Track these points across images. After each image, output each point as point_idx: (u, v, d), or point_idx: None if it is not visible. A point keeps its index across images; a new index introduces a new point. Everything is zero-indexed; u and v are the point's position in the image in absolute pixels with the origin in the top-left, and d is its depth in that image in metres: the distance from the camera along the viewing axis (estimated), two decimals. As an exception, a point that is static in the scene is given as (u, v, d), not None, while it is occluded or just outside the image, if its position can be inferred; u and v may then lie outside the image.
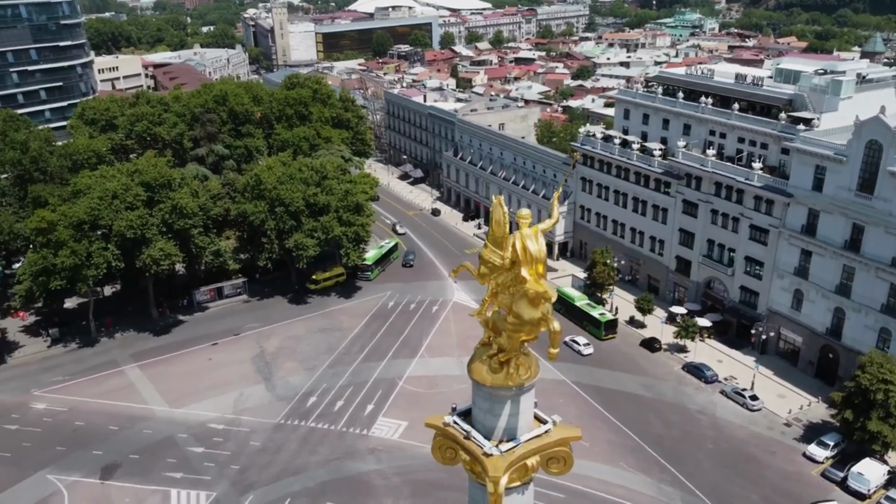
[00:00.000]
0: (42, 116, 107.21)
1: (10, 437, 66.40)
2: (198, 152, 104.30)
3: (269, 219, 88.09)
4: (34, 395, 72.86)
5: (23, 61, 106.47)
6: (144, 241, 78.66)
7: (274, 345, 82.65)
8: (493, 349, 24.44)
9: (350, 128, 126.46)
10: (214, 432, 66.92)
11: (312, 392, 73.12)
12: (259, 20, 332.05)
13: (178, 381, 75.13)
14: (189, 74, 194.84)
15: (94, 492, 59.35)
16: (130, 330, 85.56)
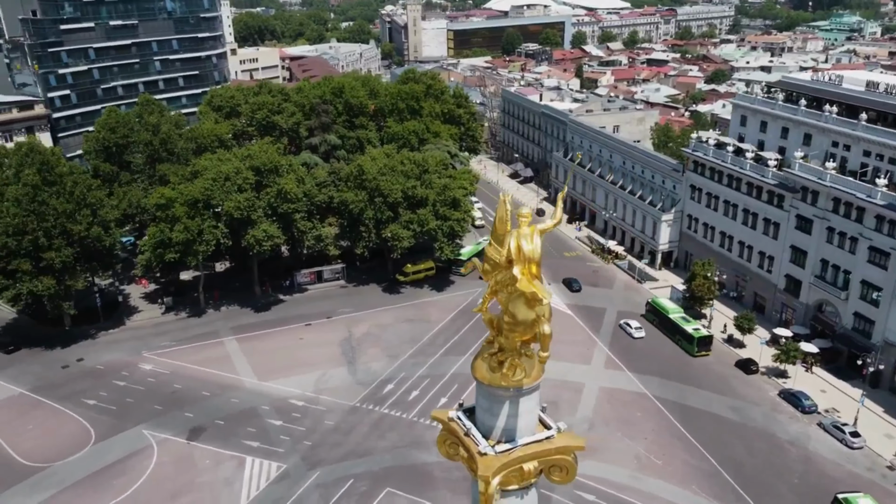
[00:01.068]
0: (179, 102, 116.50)
1: (118, 392, 72.83)
2: (311, 141, 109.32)
3: (368, 208, 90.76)
4: (144, 356, 79.39)
5: (165, 51, 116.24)
6: (250, 222, 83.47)
7: (362, 330, 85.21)
8: (495, 348, 24.19)
9: (461, 124, 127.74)
10: (294, 408, 70.10)
11: (391, 379, 74.78)
12: (395, 17, 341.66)
13: (269, 356, 79.21)
14: (320, 67, 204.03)
15: (180, 450, 63.98)
16: (235, 305, 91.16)
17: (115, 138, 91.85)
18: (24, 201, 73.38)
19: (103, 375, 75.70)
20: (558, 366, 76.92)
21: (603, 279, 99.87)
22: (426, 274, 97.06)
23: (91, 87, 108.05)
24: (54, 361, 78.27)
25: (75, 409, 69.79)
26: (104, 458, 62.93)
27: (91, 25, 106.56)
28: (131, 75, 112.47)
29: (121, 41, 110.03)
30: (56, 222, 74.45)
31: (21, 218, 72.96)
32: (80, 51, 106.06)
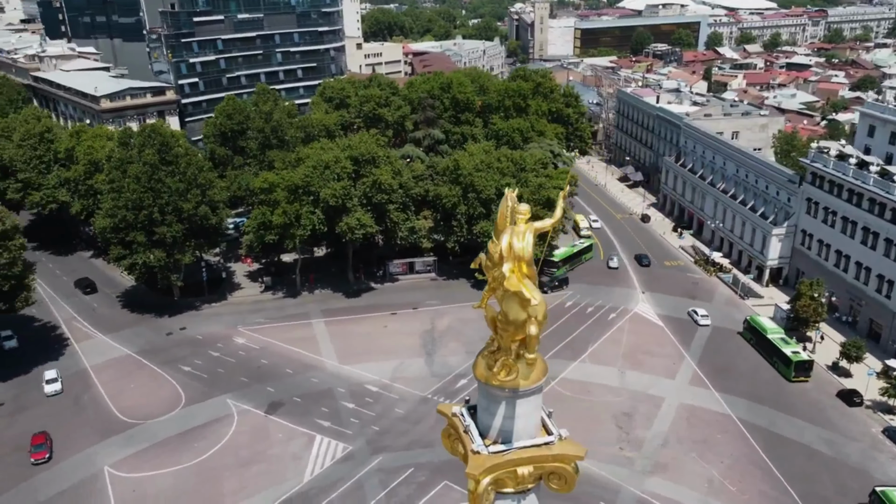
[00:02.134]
0: (297, 93, 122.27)
1: (211, 362, 77.67)
2: (415, 135, 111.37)
3: (461, 203, 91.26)
4: (239, 330, 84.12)
5: (287, 43, 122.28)
6: (345, 209, 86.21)
7: (445, 323, 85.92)
8: (494, 346, 23.99)
9: (569, 123, 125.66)
10: (368, 393, 71.91)
11: (466, 374, 74.92)
12: (522, 14, 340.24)
13: (353, 341, 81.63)
14: (441, 63, 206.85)
15: (257, 422, 67.37)
16: (328, 289, 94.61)
17: (231, 124, 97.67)
18: (142, 179, 79.63)
19: (201, 345, 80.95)
20: (640, 377, 74.43)
21: (702, 292, 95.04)
22: None
23: (217, 76, 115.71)
24: (161, 328, 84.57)
25: (172, 373, 75.11)
26: (190, 421, 67.37)
27: (221, 18, 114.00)
28: (254, 66, 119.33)
29: (247, 33, 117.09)
30: (169, 200, 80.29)
31: (139, 194, 79.27)
32: (209, 42, 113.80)
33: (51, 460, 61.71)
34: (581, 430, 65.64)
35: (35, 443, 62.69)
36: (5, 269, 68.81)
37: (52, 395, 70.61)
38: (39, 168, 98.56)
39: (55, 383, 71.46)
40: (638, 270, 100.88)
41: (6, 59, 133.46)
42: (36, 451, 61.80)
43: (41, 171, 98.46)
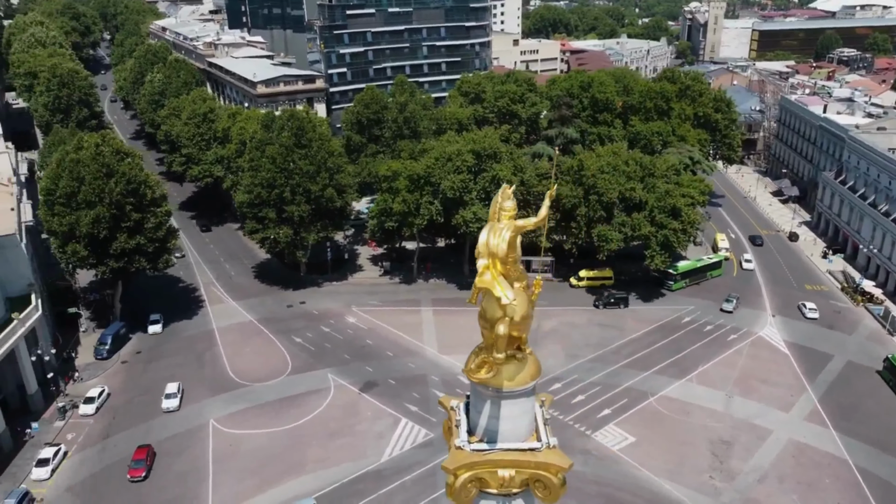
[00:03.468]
0: (439, 86, 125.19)
1: (321, 336, 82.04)
2: (548, 133, 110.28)
3: (581, 205, 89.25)
4: (352, 309, 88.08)
5: (433, 37, 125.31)
6: (462, 202, 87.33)
7: (550, 325, 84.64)
8: (484, 343, 23.88)
9: (717, 130, 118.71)
10: (460, 384, 72.50)
11: (561, 378, 73.57)
12: (696, 13, 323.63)
13: (456, 331, 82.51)
14: (598, 61, 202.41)
15: (351, 398, 70.40)
16: (443, 279, 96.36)
17: (367, 113, 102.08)
18: (277, 159, 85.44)
19: (315, 319, 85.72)
20: (748, 405, 69.36)
21: (844, 322, 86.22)
22: (602, 283, 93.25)
23: (364, 67, 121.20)
24: (283, 300, 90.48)
25: (285, 343, 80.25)
26: (291, 389, 71.75)
27: (372, 11, 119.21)
28: (400, 58, 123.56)
29: (395, 27, 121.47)
30: (300, 181, 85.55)
31: (273, 173, 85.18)
32: (359, 34, 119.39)
33: (147, 479, 58.62)
34: (671, 451, 62.53)
35: (135, 458, 59.25)
36: (151, 232, 76.80)
37: (168, 412, 66.82)
38: (200, 145, 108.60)
39: (174, 399, 67.82)
40: (773, 292, 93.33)
41: (189, 45, 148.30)
42: (134, 468, 58.35)
43: (201, 148, 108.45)
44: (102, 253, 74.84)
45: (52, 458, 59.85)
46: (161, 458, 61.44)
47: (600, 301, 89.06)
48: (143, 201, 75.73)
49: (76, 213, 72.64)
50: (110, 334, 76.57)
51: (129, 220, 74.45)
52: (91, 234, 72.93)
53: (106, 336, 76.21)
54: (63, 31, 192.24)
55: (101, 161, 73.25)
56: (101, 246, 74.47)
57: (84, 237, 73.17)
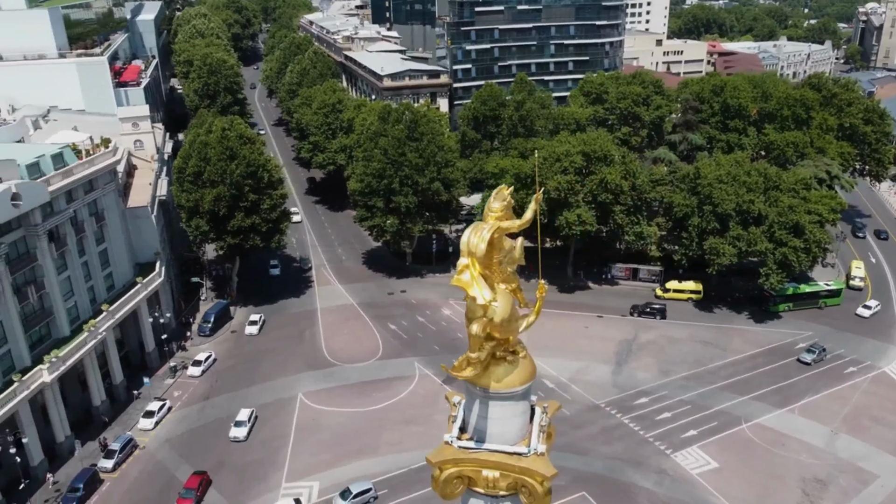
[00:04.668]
0: (565, 85, 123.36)
1: (415, 325, 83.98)
2: (671, 138, 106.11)
3: (694, 215, 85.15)
4: (449, 302, 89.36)
5: (562, 35, 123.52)
6: (567, 204, 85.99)
7: (649, 337, 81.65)
8: (480, 342, 24.04)
9: (866, 143, 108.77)
10: (542, 387, 71.84)
11: (649, 393, 70.94)
12: (872, 15, 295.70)
13: (548, 334, 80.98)
14: (747, 64, 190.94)
15: (433, 388, 71.75)
16: (544, 279, 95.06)
17: (484, 110, 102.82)
18: (389, 151, 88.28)
19: (412, 308, 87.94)
20: (855, 445, 63.81)
21: None
22: (690, 297, 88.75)
23: (489, 64, 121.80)
24: (385, 287, 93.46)
25: (379, 328, 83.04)
26: (378, 373, 74.27)
27: (501, 9, 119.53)
28: (526, 56, 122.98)
29: (523, 24, 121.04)
30: (408, 173, 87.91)
31: (384, 164, 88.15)
32: (487, 31, 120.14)
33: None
34: (756, 483, 58.80)
35: (187, 486, 56.06)
36: (266, 212, 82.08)
37: (235, 441, 62.86)
38: (327, 133, 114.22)
39: (243, 427, 63.30)
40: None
41: (329, 38, 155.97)
42: (184, 497, 55.25)
43: (327, 137, 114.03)
44: (221, 229, 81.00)
45: (157, 411, 65.96)
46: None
47: (636, 309, 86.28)
48: (260, 184, 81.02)
49: (201, 191, 79.11)
50: (213, 312, 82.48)
51: (247, 200, 79.95)
52: (212, 211, 79.18)
53: (209, 314, 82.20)
54: (226, 24, 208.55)
55: (226, 144, 79.19)
56: (221, 222, 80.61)
57: (206, 213, 79.59)
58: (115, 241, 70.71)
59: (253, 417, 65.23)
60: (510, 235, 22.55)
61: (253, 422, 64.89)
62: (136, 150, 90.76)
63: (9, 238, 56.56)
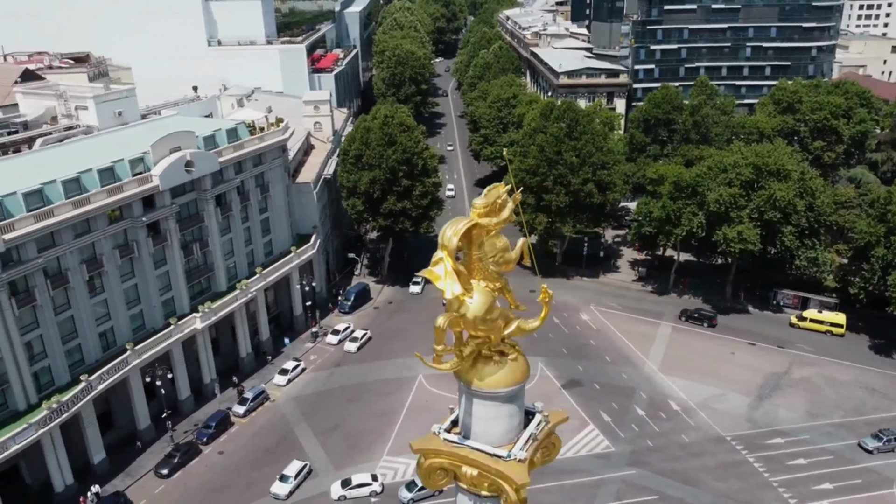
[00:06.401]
0: (759, 91, 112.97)
1: (548, 326, 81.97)
2: (874, 156, 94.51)
3: (880, 245, 74.99)
4: (589, 307, 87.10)
5: (760, 37, 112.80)
6: (728, 219, 79.82)
7: (803, 374, 73.68)
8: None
9: None
10: (667, 408, 68.01)
11: (787, 434, 64.19)
12: None
13: (687, 354, 76.82)
14: None
15: (550, 390, 70.58)
16: (699, 297, 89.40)
17: (656, 112, 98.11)
18: (545, 148, 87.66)
19: (552, 309, 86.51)
20: None
21: None
22: (829, 329, 78.96)
23: (675, 65, 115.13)
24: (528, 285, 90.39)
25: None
26: (500, 367, 74.48)
27: (693, 7, 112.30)
28: (717, 58, 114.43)
29: (717, 24, 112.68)
30: (562, 171, 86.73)
31: (538, 161, 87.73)
32: (674, 30, 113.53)
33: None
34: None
35: None
36: (417, 199, 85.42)
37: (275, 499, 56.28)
38: (498, 128, 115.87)
39: (287, 483, 56.55)
40: None
41: (520, 33, 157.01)
42: None
43: (498, 131, 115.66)
44: (375, 210, 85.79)
45: (291, 370, 71.95)
46: (370, 396, 69.62)
47: (685, 314, 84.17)
48: (414, 170, 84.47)
49: (360, 173, 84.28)
50: (354, 292, 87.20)
51: (400, 185, 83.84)
52: (368, 193, 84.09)
53: (350, 293, 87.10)
54: (432, 17, 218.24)
55: (386, 130, 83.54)
56: (375, 204, 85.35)
57: (362, 194, 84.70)
58: (276, 212, 77.84)
59: (304, 473, 57.80)
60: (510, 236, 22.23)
61: (302, 478, 57.41)
62: (316, 132, 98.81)
63: (181, 199, 64.72)
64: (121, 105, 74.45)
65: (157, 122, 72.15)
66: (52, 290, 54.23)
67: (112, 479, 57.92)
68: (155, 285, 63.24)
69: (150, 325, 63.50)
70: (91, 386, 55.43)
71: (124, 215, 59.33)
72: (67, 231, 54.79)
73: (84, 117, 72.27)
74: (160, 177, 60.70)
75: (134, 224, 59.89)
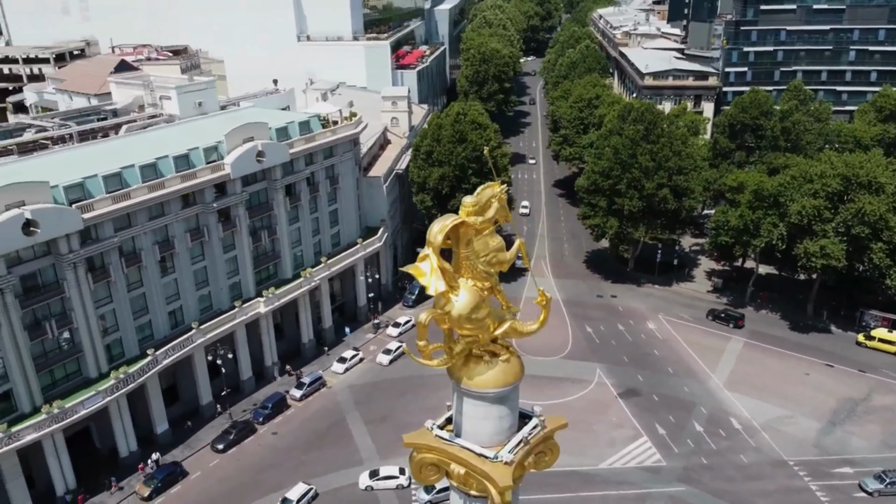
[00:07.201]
0: (862, 97, 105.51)
1: (612, 332, 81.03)
2: None
3: (982, 268, 68.97)
4: (657, 316, 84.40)
5: (867, 40, 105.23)
6: (811, 232, 75.42)
7: (885, 401, 68.79)
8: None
9: None
10: (727, 426, 65.16)
11: (858, 464, 60.11)
12: None
13: (756, 371, 73.26)
14: None
15: (606, 398, 69.17)
16: (777, 313, 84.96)
17: (742, 117, 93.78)
18: (620, 151, 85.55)
19: (616, 315, 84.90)
20: None
21: None
22: None
23: (769, 69, 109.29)
24: (596, 289, 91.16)
25: (574, 328, 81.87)
26: (557, 370, 73.60)
27: (793, 7, 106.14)
28: (817, 62, 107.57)
29: (818, 25, 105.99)
30: (636, 175, 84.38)
31: (612, 163, 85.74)
32: (770, 31, 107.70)
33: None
34: None
35: None
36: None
37: None
38: (578, 128, 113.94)
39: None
40: None
41: (610, 32, 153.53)
42: None
43: (578, 132, 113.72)
44: (443, 207, 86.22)
45: (349, 359, 73.63)
46: (422, 391, 70.20)
47: (712, 313, 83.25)
48: (483, 168, 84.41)
49: (430, 169, 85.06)
50: (419, 286, 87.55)
51: (469, 182, 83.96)
52: (436, 189, 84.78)
53: (415, 287, 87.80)
54: (525, 16, 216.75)
55: (458, 128, 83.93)
56: (444, 201, 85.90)
57: (431, 190, 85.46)
58: (345, 204, 79.74)
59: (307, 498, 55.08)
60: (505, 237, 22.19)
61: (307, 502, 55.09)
62: (392, 127, 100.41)
63: (251, 188, 67.43)
64: (201, 96, 78.41)
65: (234, 113, 75.47)
66: (126, 268, 57.83)
67: (172, 450, 61.21)
68: (223, 269, 66.23)
69: (216, 306, 66.59)
70: (156, 360, 58.76)
71: (196, 200, 62.42)
72: (143, 213, 58.24)
73: (167, 106, 76.73)
74: (232, 165, 63.46)
75: (205, 209, 62.93)
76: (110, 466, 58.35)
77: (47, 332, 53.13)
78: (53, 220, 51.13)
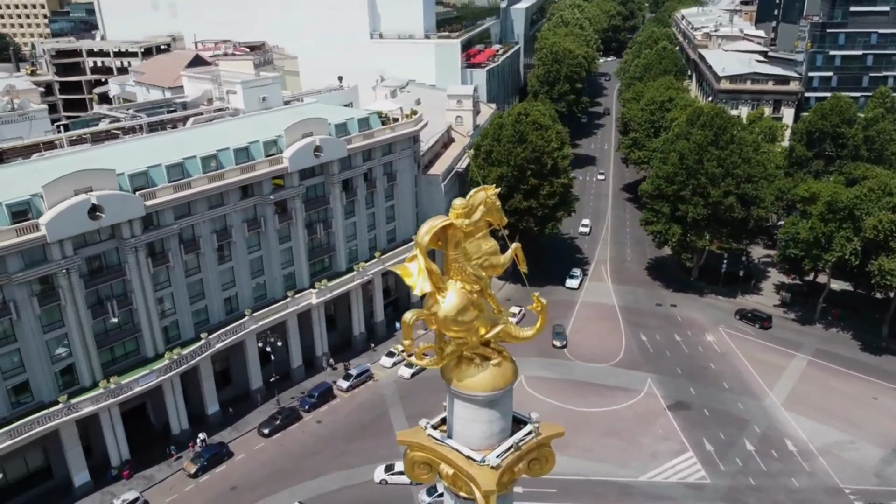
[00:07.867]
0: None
1: (668, 343, 78.73)
2: None
3: None
4: (717, 328, 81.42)
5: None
6: (888, 248, 71.06)
7: (955, 431, 64.16)
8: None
9: None
10: (781, 447, 62.31)
11: (890, 481, 56.45)
12: None
13: (820, 391, 69.77)
14: None
15: (654, 409, 67.35)
16: (849, 332, 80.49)
17: (822, 125, 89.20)
18: (686, 156, 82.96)
19: (673, 325, 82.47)
20: None
21: None
22: None
23: (857, 74, 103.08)
24: (655, 297, 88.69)
25: (629, 335, 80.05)
26: (607, 378, 72.34)
27: (885, 9, 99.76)
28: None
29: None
30: (702, 181, 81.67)
31: (677, 169, 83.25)
32: (860, 35, 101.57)
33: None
34: None
35: None
36: (544, 198, 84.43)
37: None
38: (648, 132, 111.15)
39: None
40: None
41: (690, 33, 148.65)
42: None
43: (648, 135, 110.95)
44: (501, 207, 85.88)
45: (397, 353, 74.48)
46: (468, 389, 70.21)
47: (739, 313, 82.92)
48: (543, 169, 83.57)
49: (489, 169, 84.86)
50: None
51: (527, 183, 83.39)
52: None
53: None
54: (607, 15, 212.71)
55: (518, 128, 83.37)
56: (502, 201, 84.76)
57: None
58: (402, 200, 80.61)
59: None
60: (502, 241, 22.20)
61: None
62: (457, 125, 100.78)
63: (309, 182, 69.16)
64: (265, 91, 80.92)
65: (296, 109, 77.51)
66: (185, 255, 60.47)
67: (221, 431, 63.65)
68: (278, 259, 68.27)
69: (270, 295, 68.71)
70: (209, 343, 61.22)
71: (255, 192, 64.57)
72: (202, 202, 60.73)
73: (233, 101, 79.62)
74: (290, 159, 65.28)
75: (263, 201, 65.01)
76: (164, 442, 61.29)
77: (108, 311, 56.21)
78: (118, 205, 54.00)
